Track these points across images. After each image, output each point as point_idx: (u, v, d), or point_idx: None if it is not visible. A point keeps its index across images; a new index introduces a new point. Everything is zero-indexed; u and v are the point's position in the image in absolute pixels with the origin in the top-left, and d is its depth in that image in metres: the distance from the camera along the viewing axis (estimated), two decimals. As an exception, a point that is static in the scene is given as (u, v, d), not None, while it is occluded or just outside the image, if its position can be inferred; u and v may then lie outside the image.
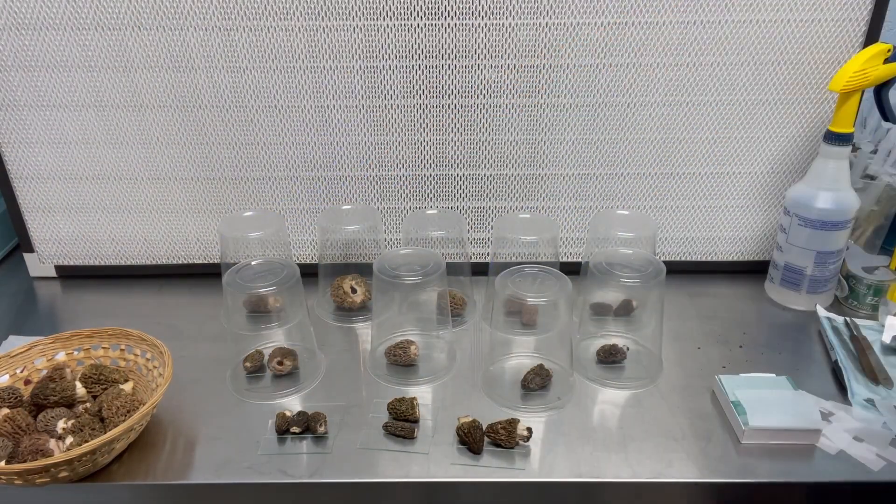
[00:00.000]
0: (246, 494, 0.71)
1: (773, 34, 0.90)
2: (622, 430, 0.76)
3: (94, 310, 1.00)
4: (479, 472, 0.71)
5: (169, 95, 0.94)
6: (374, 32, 0.90)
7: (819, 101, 0.94)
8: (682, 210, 1.02)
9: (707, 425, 0.77)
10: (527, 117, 0.95)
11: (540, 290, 0.80)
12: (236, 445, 0.74)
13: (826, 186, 0.90)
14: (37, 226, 1.03)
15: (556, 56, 0.91)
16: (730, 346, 0.90)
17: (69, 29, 0.90)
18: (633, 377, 0.84)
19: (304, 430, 0.75)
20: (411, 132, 0.97)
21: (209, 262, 1.06)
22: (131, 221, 1.03)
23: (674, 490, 0.71)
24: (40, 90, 0.94)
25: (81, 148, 0.98)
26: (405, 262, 0.86)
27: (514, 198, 1.01)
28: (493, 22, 0.90)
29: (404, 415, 0.76)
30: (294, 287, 0.86)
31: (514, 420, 0.73)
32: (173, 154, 0.98)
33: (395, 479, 0.71)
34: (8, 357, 0.79)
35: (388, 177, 1.00)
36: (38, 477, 0.66)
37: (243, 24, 0.90)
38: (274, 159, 0.99)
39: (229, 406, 0.80)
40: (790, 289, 0.97)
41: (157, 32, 0.90)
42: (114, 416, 0.71)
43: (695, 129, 0.96)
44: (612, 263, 0.84)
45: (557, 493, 0.71)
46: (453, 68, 0.92)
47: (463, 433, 0.73)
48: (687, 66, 0.92)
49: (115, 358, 0.82)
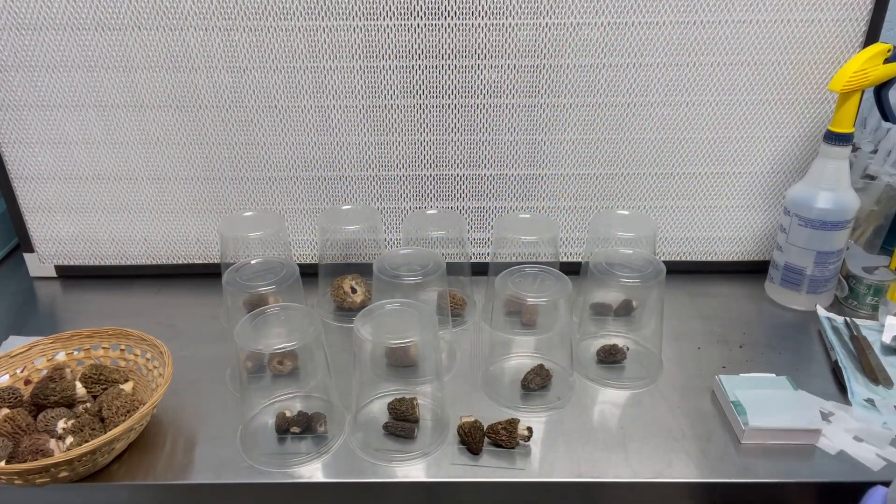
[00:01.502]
0: (246, 494, 0.71)
1: (773, 34, 0.90)
2: (622, 430, 0.76)
3: (94, 310, 1.00)
4: (479, 472, 0.71)
5: (169, 95, 0.94)
6: (374, 32, 0.90)
7: (819, 101, 0.94)
8: (682, 210, 1.02)
9: (707, 425, 0.77)
10: (527, 117, 0.96)
11: (540, 290, 0.80)
12: (236, 445, 0.74)
13: (826, 186, 0.90)
14: (37, 226, 1.03)
15: (556, 56, 0.91)
16: (730, 346, 0.90)
17: (69, 29, 0.90)
18: (633, 377, 0.84)
19: (304, 430, 0.75)
20: (411, 132, 0.97)
21: (209, 262, 1.06)
22: (131, 221, 1.03)
23: (674, 490, 0.71)
24: (40, 90, 0.94)
25: (81, 148, 0.98)
26: (405, 262, 0.86)
27: (514, 198, 1.01)
28: (493, 22, 0.90)
29: (404, 415, 0.76)
30: (294, 286, 0.86)
31: (514, 420, 0.73)
32: (173, 154, 0.98)
33: (395, 479, 0.71)
34: (8, 357, 0.79)
35: (388, 177, 1.00)
36: (38, 477, 0.66)
37: (243, 24, 0.90)
38: (274, 159, 0.99)
39: (229, 406, 0.80)
40: (790, 289, 0.97)
41: (157, 32, 0.90)
42: (114, 416, 0.71)
43: (695, 129, 0.96)
44: (612, 263, 0.84)
45: (557, 493, 0.71)
46: (453, 68, 0.92)
47: (463, 433, 0.73)
48: (687, 66, 0.92)
49: (115, 358, 0.82)
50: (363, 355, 0.76)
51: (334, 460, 0.73)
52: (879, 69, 0.86)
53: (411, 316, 0.75)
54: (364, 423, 0.77)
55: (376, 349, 0.81)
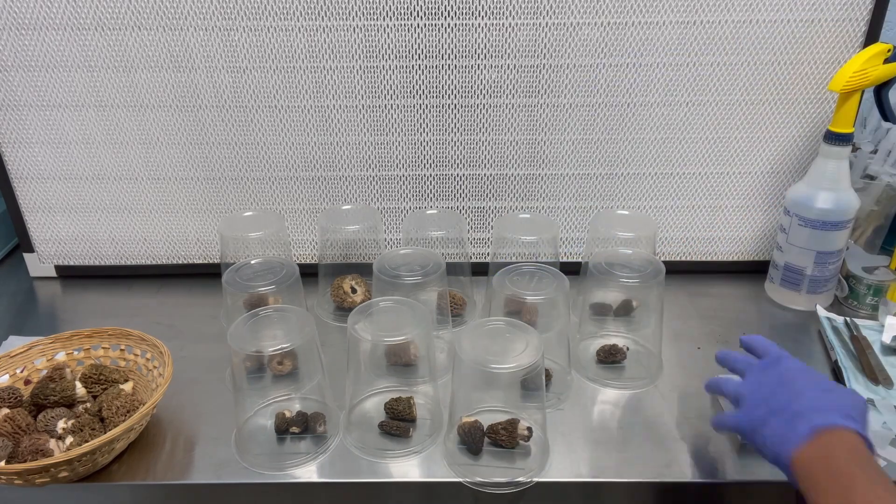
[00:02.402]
0: (246, 494, 0.71)
1: (773, 34, 0.90)
2: (622, 430, 0.76)
3: (94, 310, 1.00)
4: (479, 471, 0.71)
5: (169, 95, 0.94)
6: (374, 32, 0.90)
7: (819, 101, 0.94)
8: (682, 210, 1.02)
9: (707, 425, 0.77)
10: (527, 117, 0.96)
11: (538, 289, 0.80)
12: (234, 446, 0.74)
13: (826, 186, 0.90)
14: (37, 226, 1.03)
15: (556, 56, 0.91)
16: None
17: (69, 29, 0.90)
18: (633, 377, 0.84)
19: (303, 429, 0.75)
20: (411, 132, 0.97)
21: (209, 262, 1.06)
22: (131, 221, 1.03)
23: (674, 490, 0.71)
24: (40, 90, 0.94)
25: (81, 148, 0.98)
26: (405, 262, 0.86)
27: (514, 198, 1.01)
28: (493, 22, 0.90)
29: (401, 414, 0.76)
30: (293, 286, 0.86)
31: (514, 420, 0.73)
32: (173, 154, 0.98)
33: (395, 479, 0.71)
34: (8, 357, 0.79)
35: (388, 177, 1.00)
36: (38, 477, 0.66)
37: (243, 24, 0.90)
38: (274, 159, 0.99)
39: (229, 406, 0.80)
40: (790, 289, 0.97)
41: (157, 32, 0.90)
42: (114, 416, 0.71)
43: (695, 129, 0.96)
44: (612, 263, 0.84)
45: (557, 493, 0.71)
46: (453, 68, 0.92)
47: (463, 433, 0.73)
48: (687, 66, 0.92)
49: (115, 358, 0.82)
50: (357, 352, 0.76)
51: (334, 460, 0.73)
52: (879, 69, 0.86)
53: (406, 313, 0.75)
54: (359, 421, 0.77)
55: (372, 347, 0.81)
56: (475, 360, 0.68)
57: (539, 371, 0.70)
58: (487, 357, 0.68)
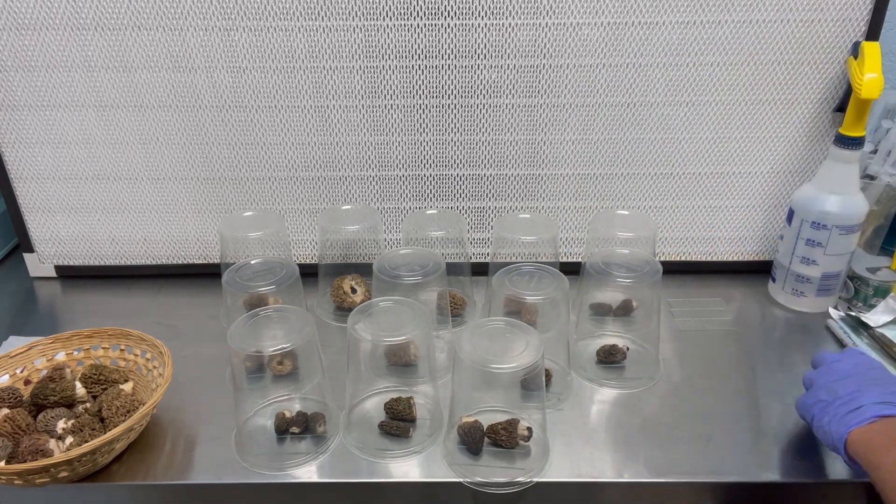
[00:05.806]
0: (246, 494, 0.71)
1: (773, 34, 0.90)
2: (622, 430, 0.76)
3: (94, 310, 1.00)
4: (479, 472, 0.71)
5: (169, 95, 0.94)
6: (374, 32, 0.90)
7: (819, 101, 0.94)
8: (682, 210, 1.02)
9: (707, 425, 0.77)
10: (527, 117, 0.95)
11: (537, 288, 0.80)
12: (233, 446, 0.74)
13: (835, 190, 0.90)
14: (37, 226, 1.03)
15: (556, 56, 0.91)
16: (729, 346, 0.90)
17: (69, 29, 0.90)
18: (633, 377, 0.84)
19: (303, 430, 0.75)
20: (411, 132, 0.97)
21: (209, 262, 1.06)
22: (131, 221, 1.03)
23: (674, 490, 0.71)
24: (40, 90, 0.94)
25: (81, 148, 0.98)
26: (405, 262, 0.86)
27: (514, 198, 1.01)
28: (493, 22, 0.89)
29: (401, 414, 0.76)
30: (294, 287, 0.86)
31: (514, 420, 0.73)
32: (173, 154, 0.98)
33: (395, 479, 0.71)
34: (8, 357, 0.79)
35: (387, 177, 1.00)
36: (38, 477, 0.66)
37: (243, 24, 0.90)
38: (274, 159, 0.99)
39: (229, 406, 0.80)
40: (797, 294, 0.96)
41: (157, 32, 0.90)
42: (114, 416, 0.71)
43: (695, 129, 0.96)
44: (609, 263, 0.84)
45: (557, 493, 0.71)
46: (453, 68, 0.92)
47: (463, 433, 0.73)
48: (687, 66, 0.92)
49: (115, 358, 0.82)
50: (357, 353, 0.76)
51: (334, 460, 0.73)
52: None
53: (406, 313, 0.75)
54: (359, 421, 0.77)
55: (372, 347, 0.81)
56: (475, 360, 0.68)
57: (539, 371, 0.70)
58: (487, 357, 0.68)
